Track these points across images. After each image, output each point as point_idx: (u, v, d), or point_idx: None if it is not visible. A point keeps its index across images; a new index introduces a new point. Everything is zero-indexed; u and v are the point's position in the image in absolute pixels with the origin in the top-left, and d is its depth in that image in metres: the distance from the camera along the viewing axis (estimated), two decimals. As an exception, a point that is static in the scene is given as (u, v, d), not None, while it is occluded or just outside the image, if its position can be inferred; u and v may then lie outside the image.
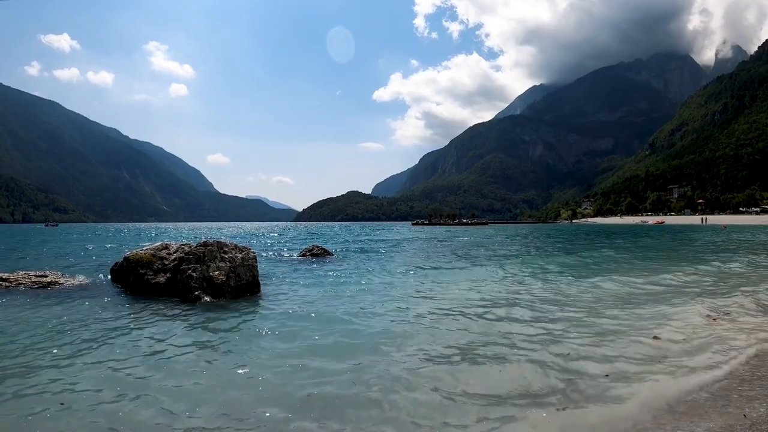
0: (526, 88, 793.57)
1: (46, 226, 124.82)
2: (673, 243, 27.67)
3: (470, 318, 6.64)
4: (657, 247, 24.40)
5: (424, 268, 13.58)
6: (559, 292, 8.93)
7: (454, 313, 7.01)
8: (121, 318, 6.73)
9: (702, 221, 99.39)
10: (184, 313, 7.06)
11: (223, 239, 9.62)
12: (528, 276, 11.60)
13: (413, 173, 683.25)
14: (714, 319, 6.36)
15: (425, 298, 8.53)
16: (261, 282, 9.26)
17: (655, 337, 5.43)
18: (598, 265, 14.32)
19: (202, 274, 8.22)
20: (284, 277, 11.21)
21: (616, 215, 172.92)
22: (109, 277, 9.98)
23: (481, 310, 7.22)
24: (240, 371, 4.43)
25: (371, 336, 5.71)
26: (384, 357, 4.86)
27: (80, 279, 10.32)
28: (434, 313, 6.99)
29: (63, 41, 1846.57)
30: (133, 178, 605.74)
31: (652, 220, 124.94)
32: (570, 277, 11.14)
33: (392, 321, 6.55)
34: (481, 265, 14.44)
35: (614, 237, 37.20)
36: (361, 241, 31.66)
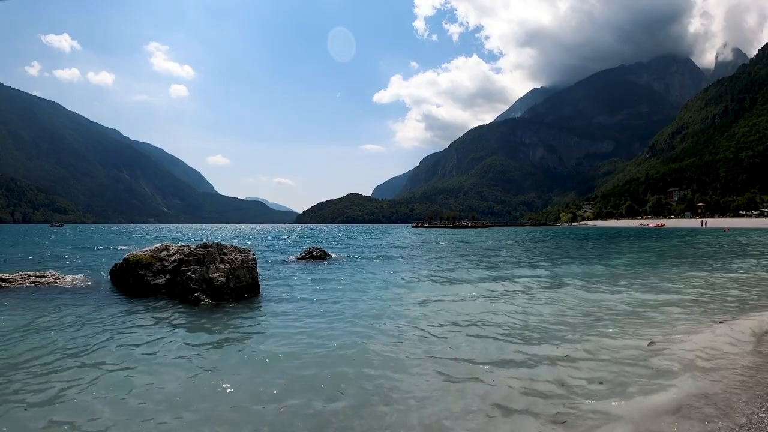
0: (527, 91, 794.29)
1: (52, 226, 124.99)
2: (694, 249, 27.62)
3: (471, 328, 6.64)
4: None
5: (425, 272, 13.59)
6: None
7: (459, 323, 6.99)
8: (118, 319, 6.73)
9: (702, 224, 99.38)
10: (182, 314, 7.06)
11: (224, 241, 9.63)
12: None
13: (413, 175, 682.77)
14: None
15: (423, 302, 8.53)
16: (261, 284, 9.28)
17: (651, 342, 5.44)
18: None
19: (202, 275, 8.22)
20: (284, 279, 11.22)
21: (615, 218, 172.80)
22: (109, 278, 9.99)
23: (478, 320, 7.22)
24: (236, 374, 4.44)
25: (368, 339, 5.72)
26: (380, 364, 4.87)
27: (80, 279, 10.33)
28: (432, 315, 7.00)
29: (63, 41, 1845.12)
30: (134, 178, 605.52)
31: (652, 223, 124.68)
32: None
33: (390, 325, 6.55)
34: (484, 273, 14.43)
35: (627, 241, 37.13)
36: (360, 243, 31.67)
